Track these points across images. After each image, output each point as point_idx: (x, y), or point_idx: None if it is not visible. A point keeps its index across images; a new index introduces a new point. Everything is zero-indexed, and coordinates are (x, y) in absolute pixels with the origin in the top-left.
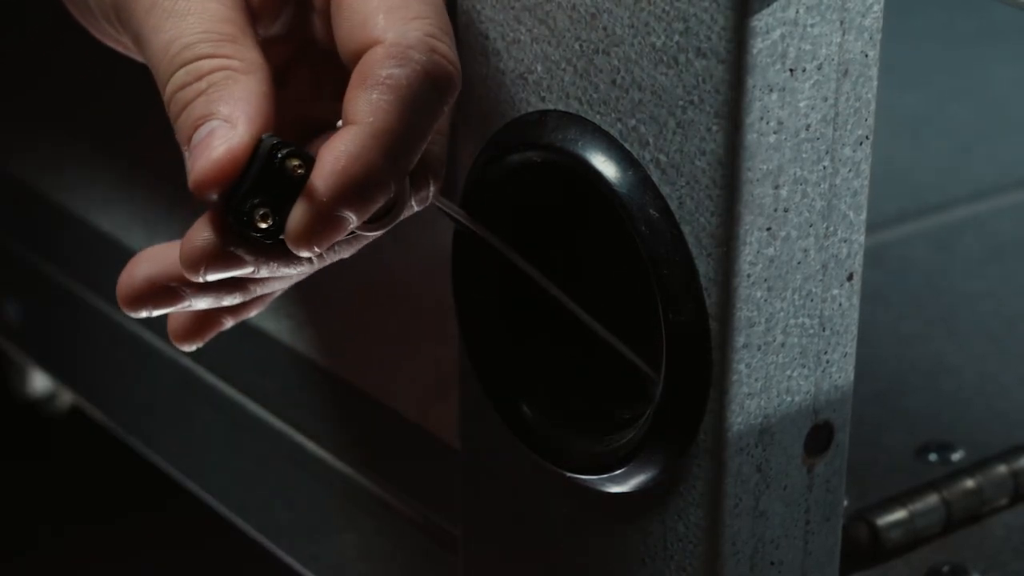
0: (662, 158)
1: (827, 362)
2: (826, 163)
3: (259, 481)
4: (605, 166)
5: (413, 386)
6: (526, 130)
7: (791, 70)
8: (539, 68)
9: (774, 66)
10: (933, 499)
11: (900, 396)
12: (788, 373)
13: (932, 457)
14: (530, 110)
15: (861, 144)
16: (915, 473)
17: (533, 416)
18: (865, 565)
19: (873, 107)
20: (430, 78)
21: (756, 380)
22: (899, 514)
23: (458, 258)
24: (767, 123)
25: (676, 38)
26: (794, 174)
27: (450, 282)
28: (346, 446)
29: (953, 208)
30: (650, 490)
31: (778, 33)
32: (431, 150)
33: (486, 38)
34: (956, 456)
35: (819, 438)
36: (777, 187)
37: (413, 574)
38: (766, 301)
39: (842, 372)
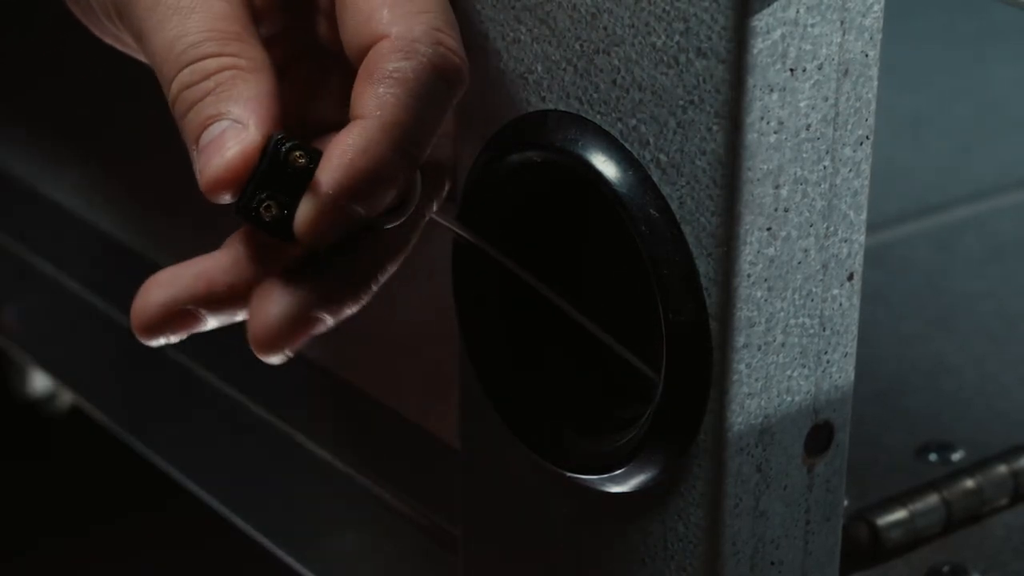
0: (662, 158)
1: (827, 362)
2: (826, 163)
3: (259, 481)
4: (605, 166)
5: (413, 386)
6: (526, 130)
7: (791, 70)
8: (539, 68)
9: (774, 66)
10: (933, 499)
11: (900, 396)
12: (788, 373)
13: (932, 457)
14: (530, 110)
15: (861, 144)
16: (915, 473)
17: (533, 416)
18: (865, 565)
19: (873, 107)
20: (437, 71)
21: (756, 380)
22: (899, 514)
23: (458, 258)
24: (767, 123)
25: (676, 38)
26: (794, 174)
27: (450, 282)
28: (346, 446)
29: (953, 208)
30: (650, 490)
31: (778, 33)
32: (442, 151)
33: (486, 38)
34: (956, 456)
35: (819, 438)
36: (777, 187)
37: (413, 574)
38: (766, 301)
39: (842, 372)
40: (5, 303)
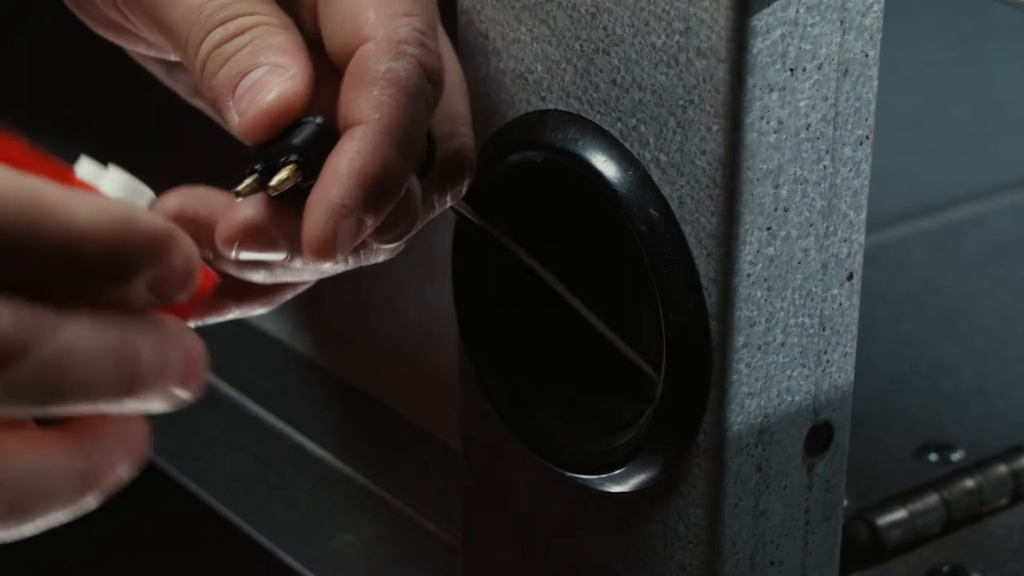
0: (662, 158)
1: (827, 362)
2: (826, 163)
3: (259, 481)
4: (605, 166)
5: (413, 386)
6: (526, 130)
7: (791, 70)
8: (539, 68)
9: (774, 66)
10: (933, 499)
11: (900, 396)
12: (788, 373)
13: (932, 457)
14: (530, 110)
15: (861, 144)
16: (915, 473)
17: (533, 416)
18: (865, 565)
19: (873, 107)
20: (425, 71)
21: (756, 380)
22: (899, 514)
23: (458, 259)
24: (767, 123)
25: (676, 38)
26: (794, 174)
27: (450, 283)
28: (346, 446)
29: (953, 208)
30: (650, 490)
31: (778, 33)
32: (465, 142)
33: (486, 38)
34: (956, 456)
35: (819, 438)
36: (777, 187)
37: (413, 574)
38: (766, 301)
39: (842, 372)
40: None
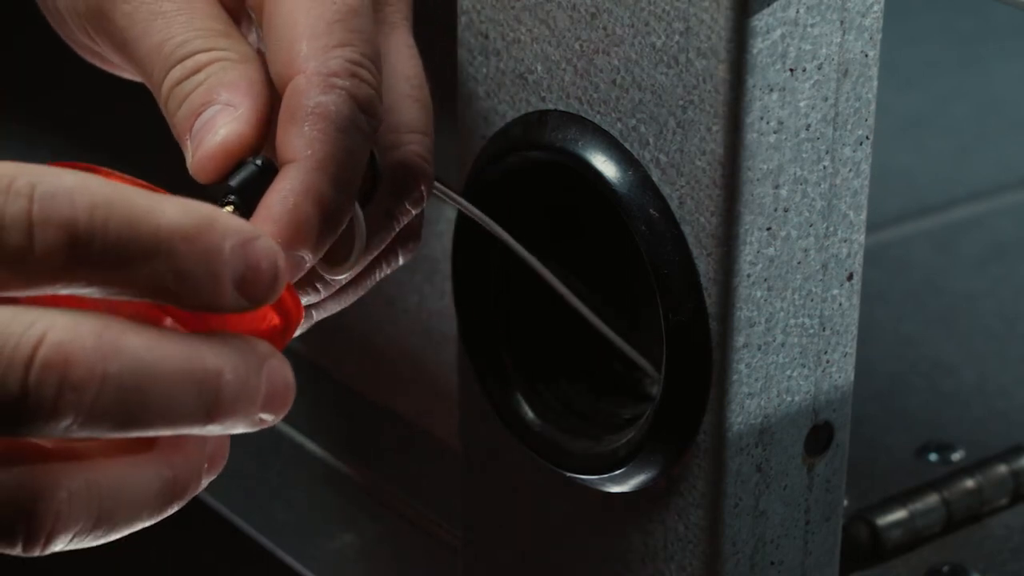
0: (662, 158)
1: (827, 362)
2: (826, 163)
3: (259, 481)
4: (605, 166)
5: (413, 386)
6: (526, 130)
7: (791, 70)
8: (539, 68)
9: (774, 66)
10: (933, 499)
11: (900, 396)
12: (788, 373)
13: (932, 457)
14: (530, 110)
15: (861, 144)
16: (915, 473)
17: (533, 416)
18: (865, 565)
19: (873, 107)
20: (356, 101)
21: (756, 380)
22: (899, 514)
23: (458, 259)
24: (767, 123)
25: (676, 38)
26: (794, 174)
27: (450, 283)
28: (346, 446)
29: (953, 208)
30: (650, 490)
31: (778, 33)
32: (411, 149)
33: (486, 38)
34: (956, 456)
35: (819, 438)
36: (777, 187)
37: (413, 574)
38: (766, 301)
39: (842, 372)
40: None
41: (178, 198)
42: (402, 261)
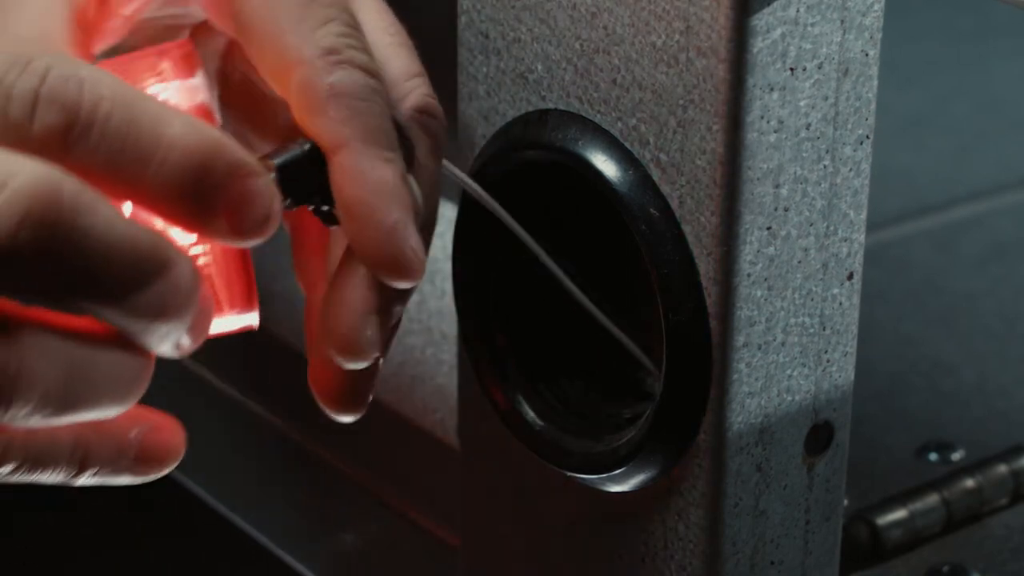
0: (662, 157)
1: (827, 361)
2: (826, 162)
3: (259, 481)
4: (605, 165)
5: (413, 386)
6: (526, 129)
7: (791, 69)
8: (539, 67)
9: (774, 65)
10: (933, 499)
11: (900, 396)
12: (788, 372)
13: (932, 457)
14: (530, 109)
15: (862, 143)
16: (915, 473)
17: (533, 416)
18: (865, 565)
19: (873, 106)
20: (362, 68)
21: (756, 379)
22: (899, 514)
23: (458, 258)
24: (767, 122)
25: (676, 37)
26: (794, 173)
27: (450, 282)
28: (346, 446)
29: (953, 208)
30: (650, 490)
31: (778, 32)
32: (420, 92)
33: (486, 37)
34: (956, 456)
35: (819, 438)
36: (777, 186)
37: (413, 574)
38: (766, 300)
39: (842, 371)
40: None
41: (194, 119)
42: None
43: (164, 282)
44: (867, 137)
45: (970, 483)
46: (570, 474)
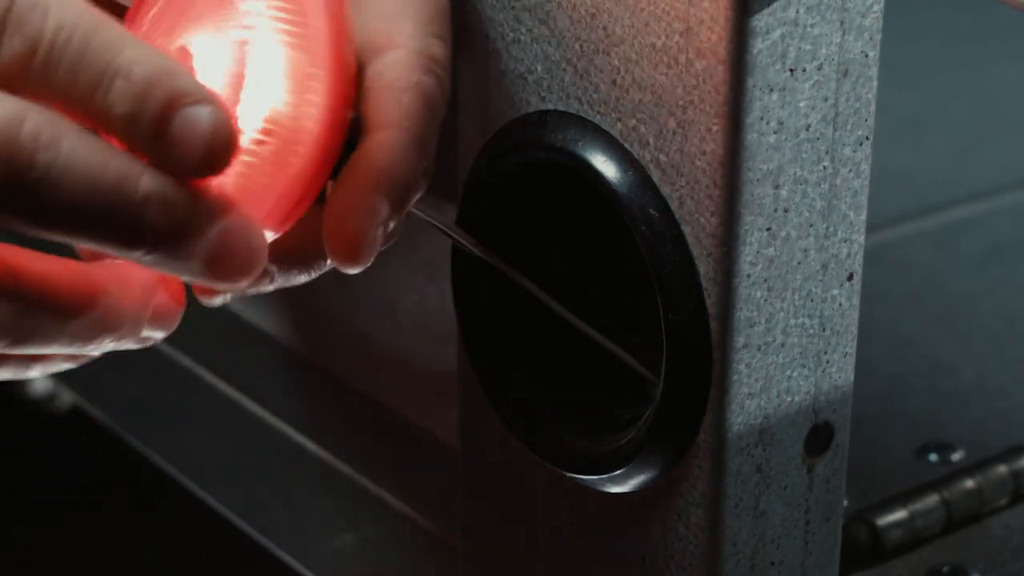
0: (662, 158)
1: (827, 362)
2: (826, 163)
3: (259, 481)
4: (605, 166)
5: (413, 386)
6: (526, 130)
7: (791, 70)
8: (539, 68)
9: (774, 66)
10: (933, 499)
11: (900, 396)
12: (788, 373)
13: (932, 457)
14: (530, 110)
15: (861, 144)
16: (915, 473)
17: (533, 416)
18: (865, 565)
19: (873, 107)
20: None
21: (756, 380)
22: (899, 514)
23: (458, 258)
24: (767, 123)
25: (676, 38)
26: (794, 174)
27: (450, 282)
28: (346, 446)
29: (953, 208)
30: (650, 490)
31: (778, 33)
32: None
33: (486, 38)
34: (956, 456)
35: (819, 438)
36: (777, 187)
37: (413, 574)
38: (766, 301)
39: (842, 372)
40: None
41: (150, 48)
42: None
43: (134, 214)
44: (867, 138)
45: (970, 483)
46: (570, 474)
